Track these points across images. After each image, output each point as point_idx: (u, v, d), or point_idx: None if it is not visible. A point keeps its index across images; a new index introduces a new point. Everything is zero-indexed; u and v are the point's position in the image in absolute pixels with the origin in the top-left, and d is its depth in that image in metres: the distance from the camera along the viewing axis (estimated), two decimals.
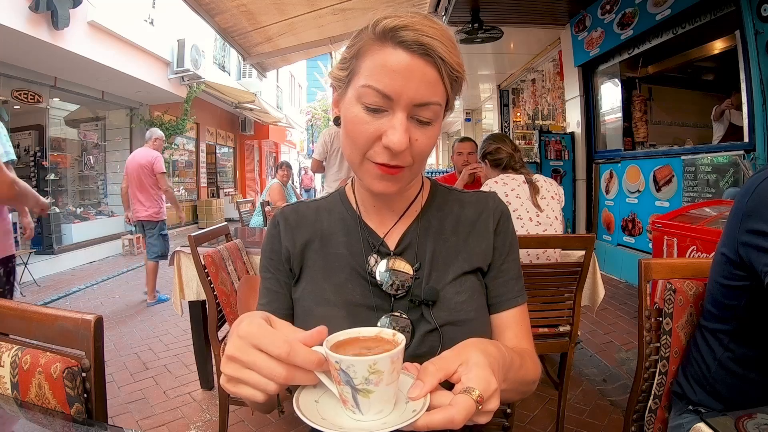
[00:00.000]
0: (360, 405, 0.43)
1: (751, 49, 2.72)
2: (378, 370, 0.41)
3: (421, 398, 0.43)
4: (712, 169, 3.14)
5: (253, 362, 0.42)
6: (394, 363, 0.43)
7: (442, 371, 0.45)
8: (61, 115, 6.71)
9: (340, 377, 0.42)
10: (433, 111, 0.58)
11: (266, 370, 0.42)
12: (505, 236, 0.72)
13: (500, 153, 2.02)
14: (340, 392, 0.44)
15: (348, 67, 0.60)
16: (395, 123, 0.56)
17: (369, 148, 0.59)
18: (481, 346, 0.49)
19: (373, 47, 0.57)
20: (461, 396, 0.42)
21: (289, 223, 0.72)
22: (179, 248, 2.18)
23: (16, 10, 4.24)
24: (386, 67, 0.55)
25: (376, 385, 0.42)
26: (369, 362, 0.41)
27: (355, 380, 0.42)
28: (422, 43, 0.54)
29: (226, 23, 4.66)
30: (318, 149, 3.64)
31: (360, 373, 0.41)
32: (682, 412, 0.87)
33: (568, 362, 1.75)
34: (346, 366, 0.41)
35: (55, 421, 0.67)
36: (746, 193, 0.74)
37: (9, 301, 0.80)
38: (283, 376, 0.42)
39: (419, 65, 0.55)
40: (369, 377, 0.41)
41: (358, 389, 0.42)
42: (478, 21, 4.37)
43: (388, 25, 0.56)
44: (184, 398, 2.27)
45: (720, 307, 0.81)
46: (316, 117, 21.00)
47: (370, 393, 0.42)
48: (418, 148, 0.59)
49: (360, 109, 0.58)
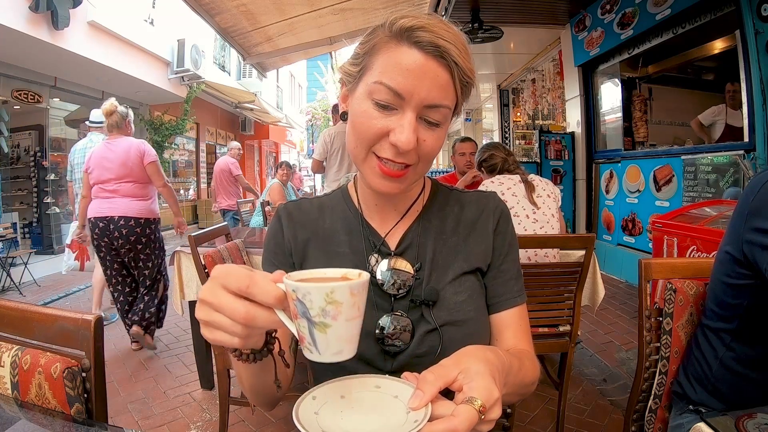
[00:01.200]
0: (317, 341, 0.41)
1: (751, 48, 2.72)
2: (336, 301, 0.39)
3: (422, 408, 0.42)
4: (712, 168, 3.14)
5: (219, 303, 0.41)
6: (354, 296, 0.40)
7: (441, 380, 0.44)
8: (61, 115, 6.71)
9: (297, 308, 0.40)
10: (442, 113, 0.58)
11: (228, 310, 0.40)
12: (505, 236, 0.72)
13: (494, 159, 2.09)
14: (297, 329, 0.42)
15: (360, 62, 0.60)
16: (404, 122, 0.56)
17: (375, 143, 0.59)
18: (481, 354, 0.49)
19: (388, 45, 0.57)
20: (463, 406, 0.42)
21: (292, 219, 0.73)
22: (179, 248, 2.18)
23: (16, 10, 4.24)
24: (400, 65, 0.55)
25: (334, 319, 0.40)
26: (326, 290, 0.39)
27: (311, 311, 0.39)
28: (437, 45, 0.55)
29: (226, 23, 4.66)
30: (318, 149, 3.64)
31: (316, 302, 0.39)
32: (682, 411, 0.87)
33: (568, 362, 1.75)
34: (302, 294, 0.39)
35: (55, 421, 0.67)
36: (751, 191, 0.74)
37: (9, 301, 0.80)
38: (243, 314, 0.40)
39: (433, 67, 0.55)
40: (326, 308, 0.39)
41: (315, 322, 0.40)
42: (478, 21, 4.37)
43: (405, 25, 0.56)
44: (184, 398, 2.27)
45: (723, 306, 0.81)
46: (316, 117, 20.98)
47: (327, 327, 0.40)
48: (425, 148, 0.59)
49: (370, 105, 0.58)
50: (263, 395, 0.61)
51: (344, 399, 0.49)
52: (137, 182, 2.69)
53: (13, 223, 5.09)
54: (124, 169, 2.64)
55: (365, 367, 0.66)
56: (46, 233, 5.78)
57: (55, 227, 5.87)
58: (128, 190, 2.67)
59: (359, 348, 0.65)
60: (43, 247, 5.67)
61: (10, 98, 5.33)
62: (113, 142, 2.69)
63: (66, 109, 6.84)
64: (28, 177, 5.90)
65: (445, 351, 0.64)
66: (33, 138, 5.95)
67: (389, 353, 0.65)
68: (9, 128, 5.30)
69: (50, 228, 5.80)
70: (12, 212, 5.61)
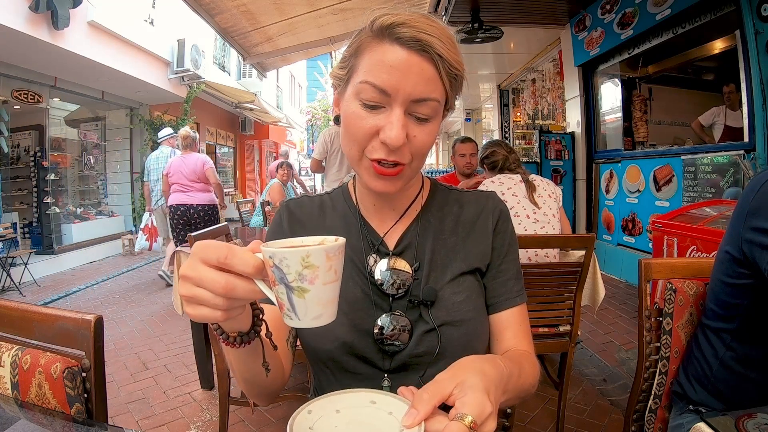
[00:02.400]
0: (296, 307, 0.41)
1: (751, 49, 2.72)
2: (312, 264, 0.40)
3: (415, 426, 0.42)
4: (712, 168, 3.14)
5: (199, 277, 0.41)
6: (330, 259, 0.41)
7: (436, 397, 0.44)
8: (61, 115, 6.71)
9: (275, 275, 0.40)
10: (431, 107, 0.58)
11: (208, 283, 0.40)
12: (504, 236, 0.72)
13: (495, 156, 2.09)
14: (276, 296, 0.42)
15: (347, 65, 0.61)
16: (392, 119, 0.56)
17: (367, 143, 0.59)
18: (478, 366, 0.48)
19: (371, 44, 0.57)
20: (454, 424, 0.42)
21: (294, 217, 0.73)
22: (179, 248, 2.18)
23: (16, 10, 4.24)
24: (383, 63, 0.56)
25: (311, 283, 0.40)
26: (302, 254, 0.39)
27: (288, 276, 0.40)
28: (419, 40, 0.55)
29: (226, 23, 4.67)
30: (318, 149, 3.64)
31: (293, 267, 0.39)
32: (682, 411, 0.87)
33: (568, 362, 1.75)
34: (279, 260, 0.39)
35: (55, 421, 0.67)
36: (751, 191, 0.74)
37: (9, 301, 0.80)
38: (222, 285, 0.40)
39: (416, 61, 0.55)
40: (303, 272, 0.40)
41: (292, 287, 0.40)
42: (478, 21, 4.37)
43: (386, 22, 0.56)
44: (184, 398, 2.27)
45: (723, 306, 0.81)
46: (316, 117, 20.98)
47: (305, 292, 0.40)
48: (417, 144, 0.59)
49: (358, 106, 0.58)
50: (257, 386, 0.61)
51: (339, 414, 0.49)
52: (203, 182, 4.22)
53: (13, 223, 5.09)
54: (194, 174, 4.16)
55: (364, 366, 0.66)
56: (46, 233, 5.77)
57: (55, 227, 5.86)
58: (199, 187, 4.21)
59: (358, 346, 0.65)
60: (43, 247, 5.66)
61: (10, 98, 5.32)
62: (187, 156, 4.21)
63: (66, 109, 6.84)
64: (28, 177, 5.89)
65: (444, 351, 0.64)
66: (33, 138, 5.94)
67: (388, 353, 0.65)
68: (9, 128, 5.30)
69: (50, 228, 5.79)
70: (12, 212, 5.61)
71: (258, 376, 0.57)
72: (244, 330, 0.48)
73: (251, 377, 0.58)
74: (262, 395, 0.64)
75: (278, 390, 0.65)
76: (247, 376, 0.58)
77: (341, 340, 0.65)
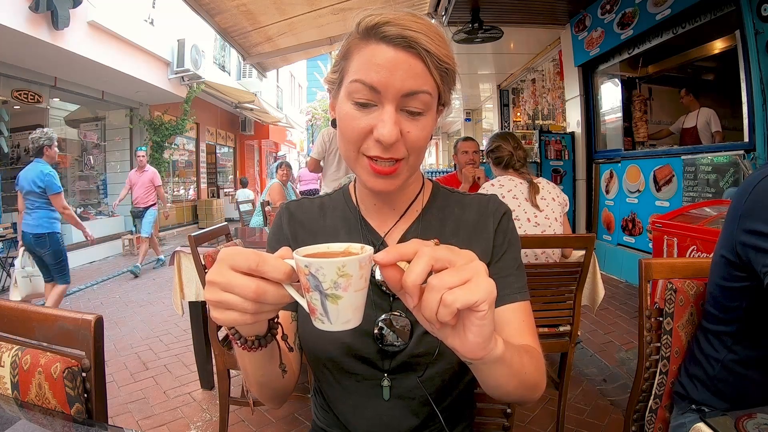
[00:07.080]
0: (329, 312, 0.43)
1: (751, 49, 2.72)
2: (347, 274, 0.41)
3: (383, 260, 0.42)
4: (712, 168, 3.14)
5: (228, 282, 0.41)
6: (362, 268, 0.42)
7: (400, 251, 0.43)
8: (61, 115, 6.71)
9: (309, 282, 0.42)
10: (422, 101, 0.58)
11: (238, 288, 0.41)
12: (505, 234, 0.71)
13: (501, 151, 2.03)
14: (308, 302, 0.44)
15: (338, 69, 0.62)
16: (384, 116, 0.57)
17: (362, 143, 0.59)
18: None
19: (359, 46, 0.58)
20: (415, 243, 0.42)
21: (293, 218, 0.73)
22: (179, 248, 2.18)
23: (16, 10, 4.24)
24: (372, 61, 0.56)
25: (345, 291, 0.42)
26: (338, 264, 0.41)
27: (323, 284, 0.41)
28: (405, 37, 0.55)
29: (226, 23, 4.66)
30: (316, 148, 3.63)
31: (329, 276, 0.41)
32: (684, 411, 0.87)
33: (568, 362, 1.75)
34: (315, 269, 0.41)
35: (55, 421, 0.67)
36: (744, 193, 0.74)
37: (9, 301, 0.80)
38: (253, 290, 0.41)
39: (404, 58, 0.56)
40: (338, 281, 0.41)
41: (327, 294, 0.42)
42: (478, 21, 4.36)
43: (371, 23, 0.57)
44: (184, 398, 2.27)
45: (721, 309, 0.81)
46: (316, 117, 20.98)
47: (338, 299, 0.42)
48: (411, 139, 0.59)
49: (351, 106, 0.58)
50: (271, 388, 0.61)
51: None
52: None
53: (13, 223, 5.09)
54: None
55: (363, 367, 0.66)
56: None
57: None
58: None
59: (358, 347, 0.65)
60: None
61: (10, 98, 5.33)
62: None
63: (66, 109, 6.84)
64: None
65: (443, 351, 0.64)
66: None
67: (387, 353, 0.65)
68: (9, 128, 5.30)
69: None
70: (12, 212, 5.60)
71: (273, 379, 0.58)
72: (261, 334, 0.50)
73: (266, 380, 0.59)
74: (275, 397, 0.65)
75: (290, 391, 0.66)
76: (262, 380, 0.59)
77: (341, 341, 0.65)
